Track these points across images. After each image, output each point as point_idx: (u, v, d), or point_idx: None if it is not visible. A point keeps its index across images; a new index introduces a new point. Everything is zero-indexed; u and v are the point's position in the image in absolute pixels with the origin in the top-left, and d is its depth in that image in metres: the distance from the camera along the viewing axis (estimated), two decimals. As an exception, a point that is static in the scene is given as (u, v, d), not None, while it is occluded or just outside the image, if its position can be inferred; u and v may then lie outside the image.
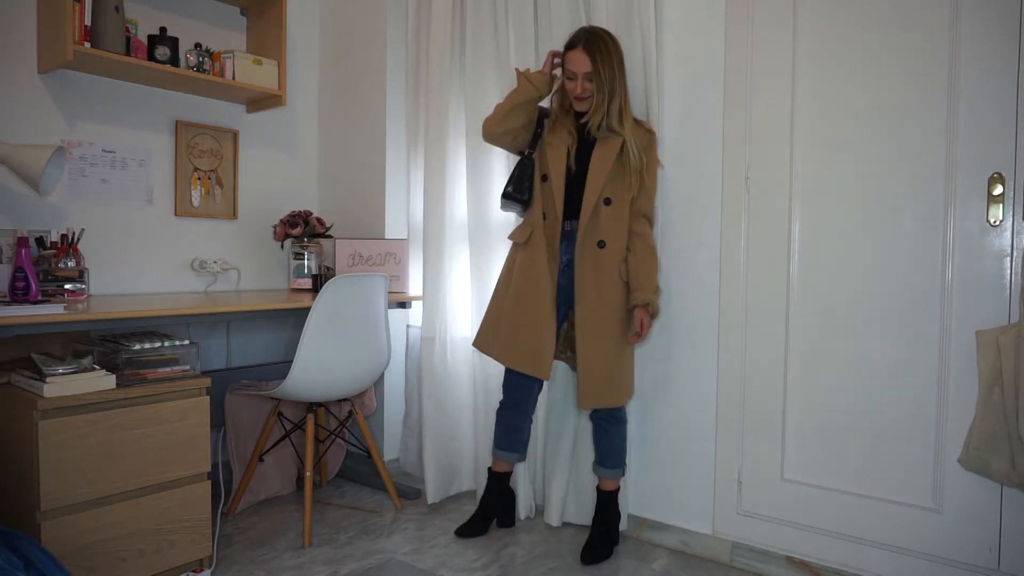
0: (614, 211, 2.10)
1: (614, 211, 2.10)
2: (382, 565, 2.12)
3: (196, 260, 2.71)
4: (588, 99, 2.09)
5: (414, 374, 2.87)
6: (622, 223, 2.11)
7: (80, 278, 2.21)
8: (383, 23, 2.88)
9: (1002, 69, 1.73)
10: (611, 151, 2.08)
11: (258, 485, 2.59)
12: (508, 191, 2.20)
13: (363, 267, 2.75)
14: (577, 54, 2.06)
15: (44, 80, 2.31)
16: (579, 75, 2.06)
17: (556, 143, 2.14)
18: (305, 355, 2.22)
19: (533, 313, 2.13)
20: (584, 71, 2.05)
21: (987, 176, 1.76)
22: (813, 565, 2.03)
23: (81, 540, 1.75)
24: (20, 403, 1.75)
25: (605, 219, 2.09)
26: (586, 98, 2.09)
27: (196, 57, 2.52)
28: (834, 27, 1.98)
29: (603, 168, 2.08)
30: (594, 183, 2.08)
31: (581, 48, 2.05)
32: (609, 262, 2.09)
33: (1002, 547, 1.75)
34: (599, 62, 2.04)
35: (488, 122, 2.20)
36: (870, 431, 1.94)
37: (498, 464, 2.34)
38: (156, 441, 1.88)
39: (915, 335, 1.87)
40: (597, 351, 2.08)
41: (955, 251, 1.81)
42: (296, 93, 3.03)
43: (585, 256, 2.10)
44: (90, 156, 2.42)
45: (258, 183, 2.92)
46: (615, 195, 2.09)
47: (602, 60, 2.04)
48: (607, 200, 2.09)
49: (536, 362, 2.13)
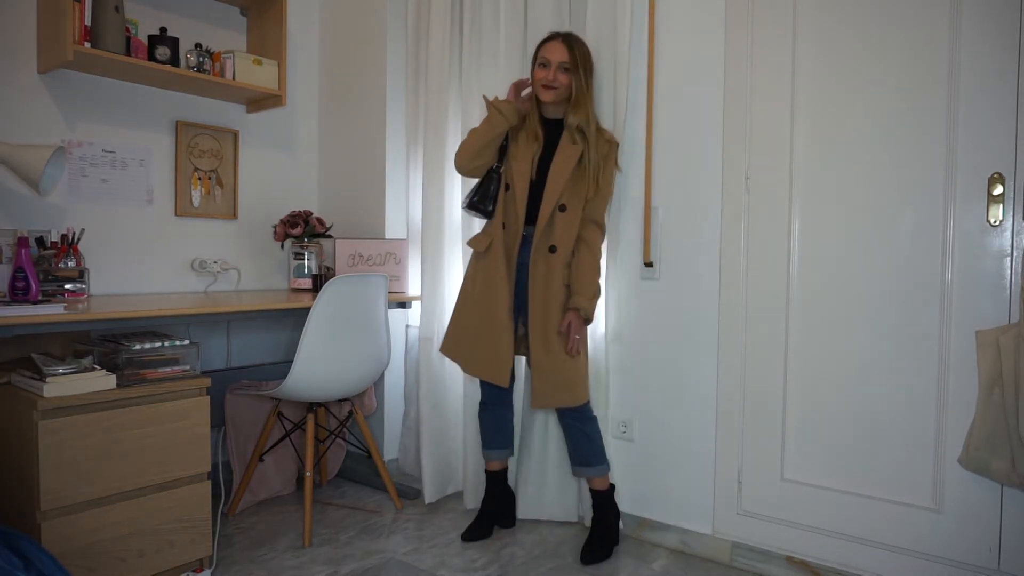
0: (568, 217, 2.14)
1: (568, 217, 2.14)
2: (382, 565, 2.12)
3: (196, 260, 2.71)
4: (556, 90, 2.12)
5: (413, 374, 2.87)
6: (575, 229, 2.16)
7: (80, 278, 2.21)
8: (383, 23, 2.88)
9: (1002, 69, 1.73)
10: (571, 159, 2.13)
11: (258, 485, 2.59)
12: (474, 201, 2.23)
13: (363, 267, 2.75)
14: (555, 44, 2.11)
15: (44, 80, 2.31)
16: (553, 63, 2.10)
17: (520, 155, 2.18)
18: (305, 355, 2.22)
19: (491, 321, 2.18)
20: (559, 60, 2.09)
21: (987, 176, 1.76)
22: (813, 565, 2.03)
23: (81, 540, 1.75)
24: (20, 403, 1.75)
25: (559, 225, 2.14)
26: (555, 88, 2.11)
27: (196, 57, 2.52)
28: (834, 27, 1.98)
29: (561, 176, 2.12)
30: (552, 190, 2.13)
31: (560, 40, 2.11)
32: (558, 266, 2.15)
33: (1002, 547, 1.75)
34: (576, 56, 2.10)
35: (460, 158, 2.23)
36: (870, 431, 1.94)
37: (491, 464, 2.38)
38: (156, 441, 1.88)
39: (915, 335, 1.87)
40: (548, 352, 2.13)
41: (955, 251, 1.81)
42: (296, 93, 3.03)
43: (537, 260, 2.15)
44: (90, 156, 2.42)
45: (258, 183, 2.92)
46: (570, 202, 2.14)
47: (580, 55, 2.11)
48: (562, 207, 2.14)
49: (494, 369, 2.18)
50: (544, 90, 2.13)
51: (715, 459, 2.20)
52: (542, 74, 2.12)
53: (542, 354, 2.14)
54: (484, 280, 2.22)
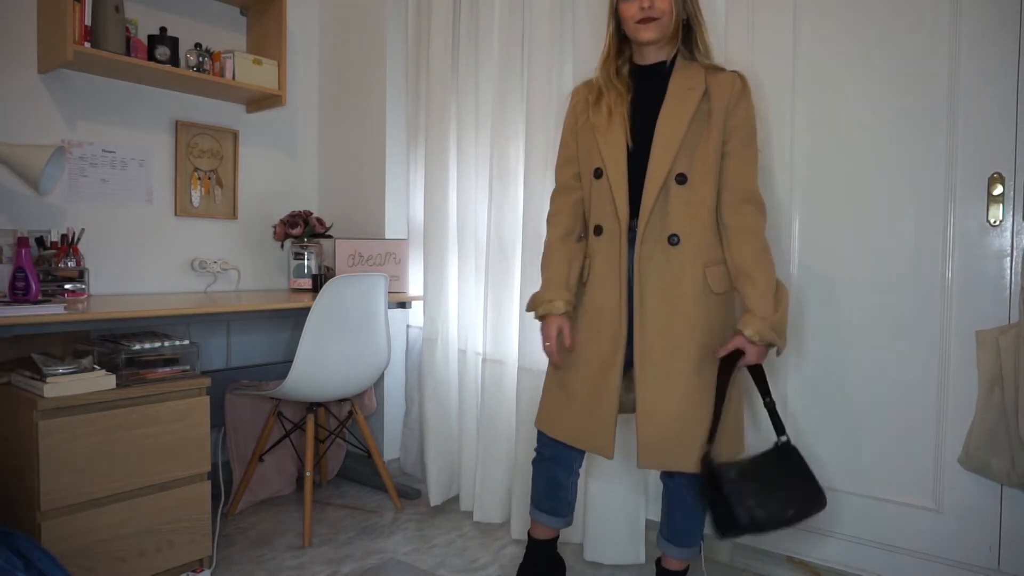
0: (691, 192, 1.55)
1: (691, 192, 1.55)
2: (382, 565, 2.12)
3: (196, 260, 2.71)
4: (658, 21, 1.56)
5: (414, 374, 2.87)
6: (705, 209, 1.56)
7: (80, 278, 2.21)
8: (383, 23, 2.88)
9: (1002, 69, 1.73)
10: (687, 106, 1.54)
11: (258, 485, 2.59)
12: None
13: (363, 267, 2.75)
14: None
15: (44, 80, 2.31)
16: None
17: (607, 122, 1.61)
18: (305, 355, 2.22)
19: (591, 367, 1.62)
20: None
21: (987, 176, 1.76)
22: (813, 565, 2.03)
23: (81, 540, 1.75)
24: (20, 403, 1.75)
25: (678, 203, 1.55)
26: (656, 19, 1.56)
27: (196, 57, 2.52)
28: (834, 26, 1.98)
29: (674, 132, 1.53)
30: (661, 155, 1.53)
31: None
32: (686, 264, 1.56)
33: (1002, 547, 1.75)
34: None
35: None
36: (870, 431, 1.94)
37: (537, 529, 1.81)
38: (156, 441, 1.88)
39: (915, 335, 1.87)
40: (663, 389, 1.55)
41: (955, 251, 1.81)
42: (296, 93, 3.03)
43: (649, 258, 1.56)
44: (90, 156, 2.42)
45: (258, 183, 2.93)
46: (693, 169, 1.54)
47: None
48: (680, 177, 1.54)
49: (590, 433, 1.62)
50: (643, 27, 1.56)
51: (715, 459, 2.19)
52: (633, 8, 1.56)
53: (656, 392, 1.55)
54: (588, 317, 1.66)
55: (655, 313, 1.56)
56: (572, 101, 1.78)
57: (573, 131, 1.74)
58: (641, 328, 1.57)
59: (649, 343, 1.57)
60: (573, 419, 1.66)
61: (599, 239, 1.65)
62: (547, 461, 1.77)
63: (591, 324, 1.65)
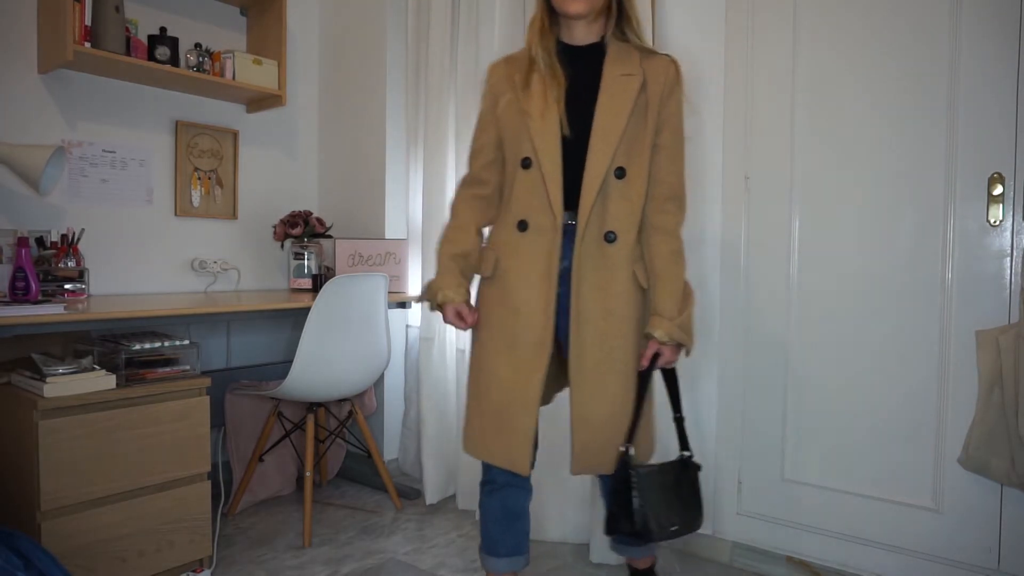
0: (629, 186, 1.46)
1: (629, 186, 1.46)
2: (382, 565, 2.12)
3: (196, 260, 2.71)
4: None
5: (413, 374, 2.87)
6: (640, 204, 1.49)
7: (80, 278, 2.21)
8: (383, 23, 2.88)
9: (1002, 69, 1.73)
10: (627, 94, 1.44)
11: (258, 485, 2.59)
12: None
13: (363, 267, 2.75)
14: None
15: (44, 80, 2.30)
16: None
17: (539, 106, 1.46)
18: (305, 355, 2.22)
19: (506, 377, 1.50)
20: None
21: (987, 176, 1.76)
22: (813, 565, 2.03)
23: (81, 540, 1.75)
24: (20, 403, 1.75)
25: (617, 198, 1.46)
26: None
27: (196, 57, 2.52)
28: (834, 27, 1.98)
29: (615, 121, 1.43)
30: (601, 146, 1.43)
31: None
32: (622, 263, 1.49)
33: (1002, 547, 1.75)
34: None
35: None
36: (870, 431, 1.94)
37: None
38: (156, 441, 1.88)
39: (915, 335, 1.87)
40: (599, 394, 1.49)
41: (955, 251, 1.81)
42: (296, 93, 3.03)
43: (588, 257, 1.48)
44: (90, 156, 2.42)
45: (258, 183, 2.93)
46: (631, 162, 1.45)
47: None
48: (619, 171, 1.45)
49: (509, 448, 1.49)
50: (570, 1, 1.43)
51: (715, 459, 2.19)
52: None
53: (590, 396, 1.48)
54: (500, 319, 1.52)
55: (590, 315, 1.48)
56: (491, 80, 1.58)
57: (493, 115, 1.56)
58: (577, 331, 1.48)
59: (585, 348, 1.48)
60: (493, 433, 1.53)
61: (523, 235, 1.50)
62: (503, 489, 1.57)
63: (503, 326, 1.51)
